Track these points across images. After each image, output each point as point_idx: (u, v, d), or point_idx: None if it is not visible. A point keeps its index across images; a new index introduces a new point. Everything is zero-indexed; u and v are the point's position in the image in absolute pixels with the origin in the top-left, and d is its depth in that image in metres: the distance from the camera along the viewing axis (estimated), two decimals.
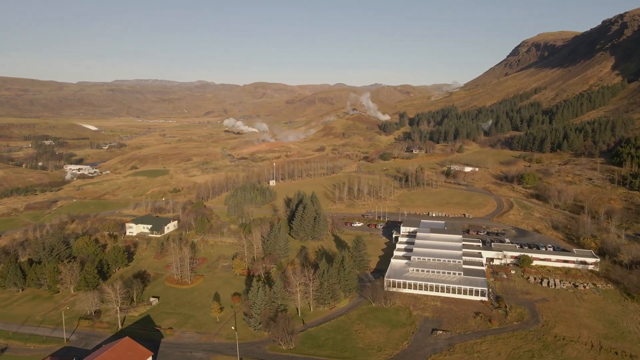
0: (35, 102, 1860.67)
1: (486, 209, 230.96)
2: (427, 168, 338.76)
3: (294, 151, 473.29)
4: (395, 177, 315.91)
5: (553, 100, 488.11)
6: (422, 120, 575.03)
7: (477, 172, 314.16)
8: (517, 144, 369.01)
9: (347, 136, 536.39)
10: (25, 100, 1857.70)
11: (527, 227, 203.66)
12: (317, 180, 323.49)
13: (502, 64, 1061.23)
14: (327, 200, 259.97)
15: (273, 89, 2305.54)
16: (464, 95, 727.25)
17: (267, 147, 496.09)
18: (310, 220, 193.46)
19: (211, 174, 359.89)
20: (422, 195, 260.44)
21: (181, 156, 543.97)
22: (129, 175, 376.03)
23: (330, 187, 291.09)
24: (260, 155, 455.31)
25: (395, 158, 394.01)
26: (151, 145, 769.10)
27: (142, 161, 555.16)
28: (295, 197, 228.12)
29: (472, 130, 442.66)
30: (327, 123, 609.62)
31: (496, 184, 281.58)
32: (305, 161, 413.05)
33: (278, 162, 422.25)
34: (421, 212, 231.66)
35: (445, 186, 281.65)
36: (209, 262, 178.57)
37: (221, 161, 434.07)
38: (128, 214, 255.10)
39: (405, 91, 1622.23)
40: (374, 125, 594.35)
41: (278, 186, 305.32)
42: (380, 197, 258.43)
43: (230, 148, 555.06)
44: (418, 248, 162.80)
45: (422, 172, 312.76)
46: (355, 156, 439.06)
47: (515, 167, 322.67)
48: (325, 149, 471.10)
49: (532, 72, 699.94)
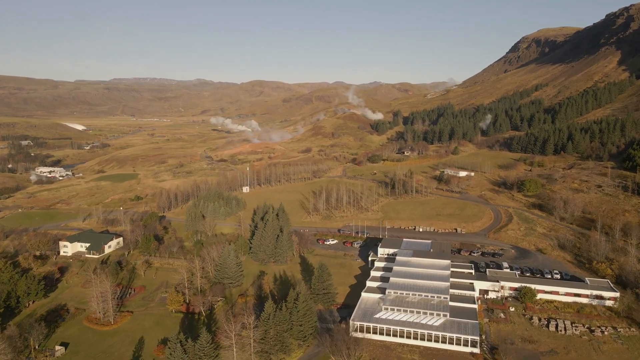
0: (29, 100, 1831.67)
1: (481, 222, 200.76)
2: (418, 172, 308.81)
3: (279, 153, 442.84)
4: (382, 182, 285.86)
5: (555, 97, 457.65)
6: (416, 119, 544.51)
7: (473, 177, 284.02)
8: (517, 145, 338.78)
9: (336, 136, 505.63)
10: (19, 98, 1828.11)
11: (528, 245, 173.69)
12: (297, 186, 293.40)
13: (502, 61, 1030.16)
14: (301, 211, 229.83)
15: (271, 87, 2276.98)
16: (462, 92, 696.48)
17: (250, 149, 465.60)
18: (271, 238, 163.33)
19: (182, 178, 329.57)
20: (410, 205, 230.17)
21: (162, 157, 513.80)
22: (92, 180, 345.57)
23: (309, 194, 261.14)
24: (241, 158, 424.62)
25: (385, 160, 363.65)
26: (136, 145, 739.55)
27: (121, 163, 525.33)
28: (260, 209, 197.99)
29: (469, 130, 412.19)
30: (317, 122, 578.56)
31: (494, 191, 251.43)
32: (288, 164, 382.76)
33: (259, 164, 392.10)
34: (407, 226, 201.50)
35: (436, 194, 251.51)
36: (147, 292, 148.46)
37: (197, 164, 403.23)
38: (76, 227, 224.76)
39: (404, 89, 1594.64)
40: (366, 124, 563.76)
41: (251, 194, 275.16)
42: (362, 208, 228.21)
43: (212, 149, 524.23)
44: (396, 278, 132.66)
45: (412, 177, 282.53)
46: (343, 158, 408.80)
47: (515, 171, 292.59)
48: (311, 150, 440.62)
49: (533, 68, 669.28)
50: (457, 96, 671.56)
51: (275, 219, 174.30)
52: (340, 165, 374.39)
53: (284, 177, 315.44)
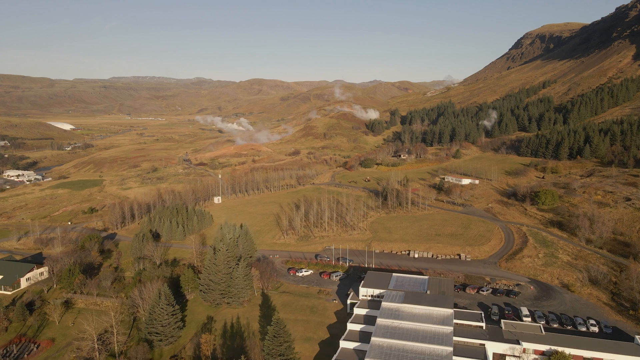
0: (24, 99, 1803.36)
1: (490, 246, 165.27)
2: (415, 179, 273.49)
3: (265, 155, 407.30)
4: (374, 191, 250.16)
5: (565, 95, 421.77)
6: (415, 119, 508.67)
7: (478, 185, 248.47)
8: (526, 149, 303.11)
9: (328, 137, 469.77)
10: (14, 97, 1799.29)
11: (551, 279, 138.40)
12: (277, 196, 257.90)
13: (504, 58, 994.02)
14: (275, 229, 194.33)
15: (269, 85, 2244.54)
16: (463, 90, 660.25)
17: (235, 151, 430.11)
18: (224, 273, 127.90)
19: (149, 186, 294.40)
20: (404, 222, 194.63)
21: (137, 160, 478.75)
22: (49, 187, 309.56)
23: (289, 206, 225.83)
24: (222, 161, 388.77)
25: (379, 165, 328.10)
26: (121, 145, 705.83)
27: (98, 165, 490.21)
28: (222, 229, 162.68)
29: (472, 130, 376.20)
30: (308, 122, 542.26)
31: (502, 203, 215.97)
32: (273, 168, 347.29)
33: (241, 169, 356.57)
34: (399, 251, 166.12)
35: (435, 206, 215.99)
36: (54, 349, 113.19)
37: (172, 168, 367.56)
38: (7, 247, 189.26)
39: (404, 87, 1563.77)
40: (361, 124, 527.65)
41: (223, 205, 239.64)
42: (348, 225, 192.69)
43: (195, 151, 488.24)
44: (379, 339, 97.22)
45: (407, 186, 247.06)
46: (333, 162, 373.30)
47: (526, 178, 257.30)
48: (300, 153, 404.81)
49: (538, 64, 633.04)
50: (458, 94, 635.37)
51: (233, 245, 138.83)
52: (329, 170, 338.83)
53: (265, 184, 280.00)
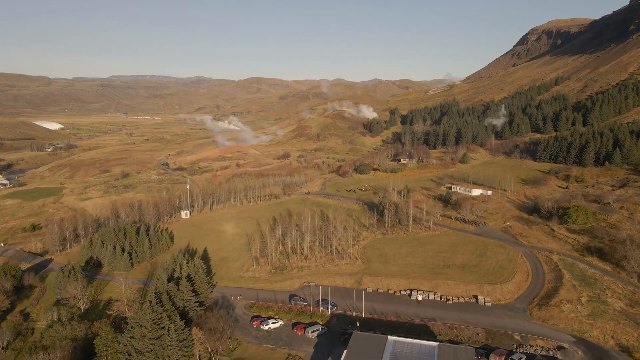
0: (19, 97, 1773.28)
1: (515, 284, 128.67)
2: (418, 188, 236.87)
3: (251, 158, 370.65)
4: (369, 204, 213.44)
5: (582, 92, 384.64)
6: (416, 118, 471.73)
7: (491, 197, 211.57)
8: (544, 153, 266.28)
9: (322, 138, 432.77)
10: (9, 95, 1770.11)
11: (603, 337, 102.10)
12: (256, 209, 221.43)
13: (509, 55, 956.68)
14: (246, 256, 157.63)
15: (268, 84, 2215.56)
16: (467, 88, 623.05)
17: (219, 153, 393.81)
18: (148, 338, 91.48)
19: (113, 195, 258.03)
20: (404, 246, 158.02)
21: (120, 162, 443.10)
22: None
23: (268, 223, 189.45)
24: (204, 165, 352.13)
25: (376, 171, 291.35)
26: (107, 146, 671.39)
27: (74, 168, 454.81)
28: (171, 261, 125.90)
29: (480, 131, 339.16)
30: (302, 122, 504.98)
31: (522, 220, 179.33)
32: (259, 174, 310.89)
33: (223, 174, 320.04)
34: (398, 290, 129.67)
35: (442, 224, 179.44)
36: None
37: (145, 174, 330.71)
38: None
39: (404, 86, 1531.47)
40: (358, 124, 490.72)
41: (191, 221, 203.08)
42: (334, 251, 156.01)
43: (178, 153, 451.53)
44: None
45: (409, 198, 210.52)
46: (326, 166, 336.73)
47: (546, 188, 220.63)
48: (290, 156, 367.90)
49: (547, 60, 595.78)
50: (462, 92, 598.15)
51: (172, 289, 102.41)
52: (321, 176, 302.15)
53: (246, 193, 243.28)
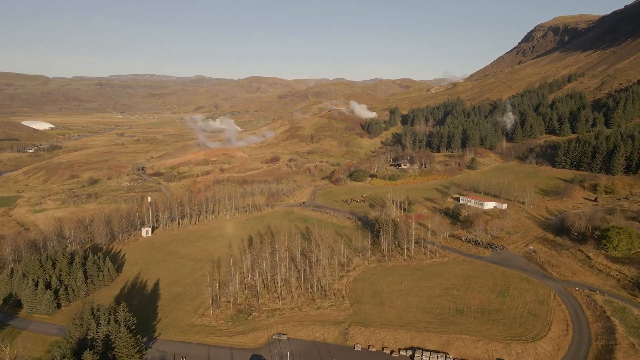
0: (16, 97, 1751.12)
1: (551, 341, 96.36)
2: (420, 199, 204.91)
3: (237, 162, 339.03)
4: (364, 219, 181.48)
5: (599, 90, 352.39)
6: (417, 118, 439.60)
7: (507, 212, 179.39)
8: (564, 158, 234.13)
9: (316, 139, 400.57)
10: (5, 94, 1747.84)
11: None
12: (232, 224, 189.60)
13: (514, 52, 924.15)
14: (204, 294, 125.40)
15: (268, 83, 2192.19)
16: (472, 86, 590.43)
17: (203, 156, 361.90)
18: None
19: (71, 207, 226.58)
20: (405, 280, 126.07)
21: (99, 165, 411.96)
22: None
23: (242, 244, 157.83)
24: (184, 170, 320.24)
25: (374, 177, 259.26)
26: (94, 147, 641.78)
27: (51, 172, 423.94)
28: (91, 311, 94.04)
29: (489, 133, 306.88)
30: (295, 122, 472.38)
31: (548, 243, 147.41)
32: (243, 180, 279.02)
33: (203, 180, 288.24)
34: (396, 348, 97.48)
35: (450, 248, 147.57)
36: None
37: (116, 180, 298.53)
38: None
39: (405, 85, 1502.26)
40: (356, 124, 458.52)
41: (151, 242, 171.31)
42: (316, 286, 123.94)
43: (161, 156, 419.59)
44: None
45: (410, 211, 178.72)
46: (318, 171, 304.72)
47: (571, 200, 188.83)
48: (279, 160, 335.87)
49: (557, 57, 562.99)
50: (466, 90, 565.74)
51: None
52: (312, 183, 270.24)
53: (223, 205, 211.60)
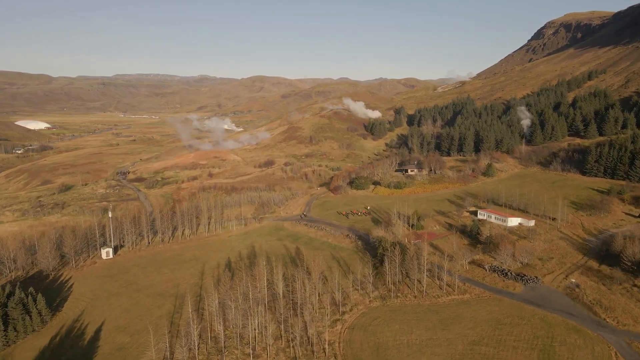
0: (18, 96, 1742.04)
1: None
2: (431, 212, 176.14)
3: (228, 166, 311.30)
4: (365, 239, 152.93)
5: (624, 87, 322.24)
6: (424, 118, 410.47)
7: (535, 229, 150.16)
8: (595, 164, 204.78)
9: (315, 141, 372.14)
10: (7, 94, 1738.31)
11: None
12: (210, 243, 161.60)
13: (523, 50, 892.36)
14: (159, 344, 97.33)
15: (271, 82, 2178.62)
16: (481, 84, 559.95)
17: (192, 160, 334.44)
18: None
19: (30, 220, 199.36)
20: (416, 328, 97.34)
21: (81, 169, 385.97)
22: None
23: (218, 270, 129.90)
24: (169, 175, 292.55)
25: (378, 185, 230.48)
26: (86, 147, 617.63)
27: (33, 175, 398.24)
28: None
29: (505, 135, 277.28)
30: (294, 123, 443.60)
31: (592, 273, 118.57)
32: (232, 187, 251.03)
33: (188, 187, 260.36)
34: None
35: (472, 280, 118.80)
36: None
37: (91, 187, 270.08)
38: None
39: (410, 84, 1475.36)
40: (359, 124, 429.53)
41: (109, 267, 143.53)
42: (301, 340, 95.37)
43: (149, 158, 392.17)
44: None
45: (421, 228, 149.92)
46: (317, 176, 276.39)
47: (611, 216, 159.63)
48: (274, 164, 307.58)
49: (572, 53, 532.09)
50: (476, 89, 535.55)
51: None
52: (308, 191, 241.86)
53: (203, 217, 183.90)
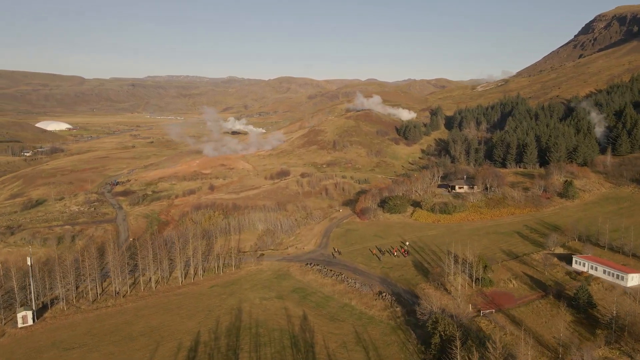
0: (50, 97, 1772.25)
1: None
2: (498, 252, 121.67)
3: (235, 177, 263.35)
4: (407, 301, 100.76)
5: None
6: (467, 121, 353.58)
7: None
8: None
9: (340, 147, 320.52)
10: (40, 95, 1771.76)
11: None
12: (176, 301, 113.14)
13: (570, 45, 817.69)
14: None
15: (298, 83, 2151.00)
16: (528, 82, 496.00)
17: (195, 167, 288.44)
18: None
19: None
20: None
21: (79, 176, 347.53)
22: None
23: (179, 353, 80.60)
24: (164, 187, 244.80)
25: (418, 207, 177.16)
26: (99, 149, 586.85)
27: (28, 182, 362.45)
28: None
29: (580, 143, 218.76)
30: (314, 126, 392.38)
31: None
32: (233, 205, 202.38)
33: (183, 204, 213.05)
34: None
35: None
36: None
37: (65, 202, 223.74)
38: None
39: (440, 85, 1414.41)
40: (390, 127, 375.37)
41: (26, 339, 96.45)
42: None
43: (146, 165, 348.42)
44: None
45: (488, 285, 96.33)
46: (340, 191, 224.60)
47: None
48: (289, 174, 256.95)
49: (637, 46, 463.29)
50: (523, 87, 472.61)
51: None
52: (328, 212, 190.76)
53: (186, 252, 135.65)
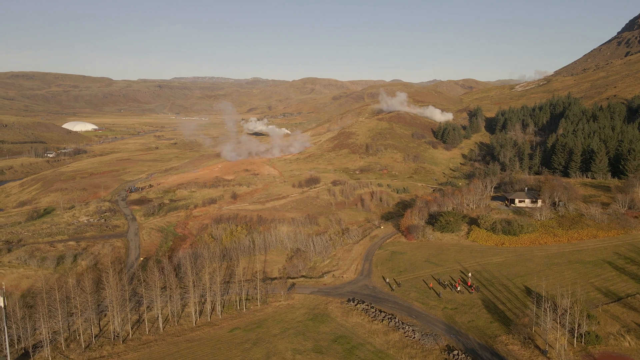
0: (79, 98, 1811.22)
1: None
2: (592, 290, 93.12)
3: (261, 184, 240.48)
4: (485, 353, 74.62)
5: None
6: (511, 123, 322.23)
7: None
8: None
9: (373, 151, 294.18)
10: (70, 96, 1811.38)
11: None
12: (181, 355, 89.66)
13: (613, 43, 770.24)
14: None
15: (322, 84, 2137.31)
16: (574, 81, 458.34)
17: (217, 173, 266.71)
18: None
19: None
20: None
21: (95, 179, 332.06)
22: None
23: None
24: (182, 195, 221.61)
25: (475, 225, 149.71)
26: (122, 151, 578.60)
27: (46, 185, 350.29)
28: None
29: None
30: (344, 128, 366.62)
31: None
32: (258, 217, 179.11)
33: (202, 215, 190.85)
34: None
35: None
36: None
37: (74, 212, 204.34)
38: None
39: (468, 86, 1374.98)
40: (426, 129, 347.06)
41: None
42: None
43: (167, 169, 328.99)
44: None
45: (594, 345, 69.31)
46: (377, 202, 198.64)
47: None
48: (319, 182, 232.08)
49: None
50: (568, 87, 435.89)
51: None
52: (367, 228, 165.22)
53: (202, 278, 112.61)
